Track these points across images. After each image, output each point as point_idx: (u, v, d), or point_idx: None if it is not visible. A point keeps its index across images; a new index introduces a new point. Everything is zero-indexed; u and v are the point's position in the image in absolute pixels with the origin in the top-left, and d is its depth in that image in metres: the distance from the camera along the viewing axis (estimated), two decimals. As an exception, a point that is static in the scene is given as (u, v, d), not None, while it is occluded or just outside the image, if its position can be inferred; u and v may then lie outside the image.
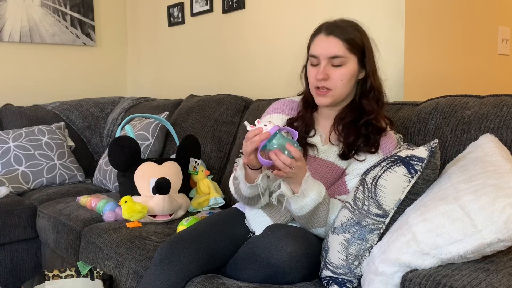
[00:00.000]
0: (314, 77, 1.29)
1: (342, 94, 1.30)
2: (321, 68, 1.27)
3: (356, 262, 1.12)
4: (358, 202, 1.14)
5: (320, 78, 1.26)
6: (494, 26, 2.15)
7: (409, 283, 0.91)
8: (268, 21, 2.32)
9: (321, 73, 1.26)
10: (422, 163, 1.07)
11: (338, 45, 1.25)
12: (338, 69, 1.26)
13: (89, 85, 3.27)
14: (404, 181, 1.08)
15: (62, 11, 3.12)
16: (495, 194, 0.89)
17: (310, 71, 1.31)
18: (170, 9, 2.94)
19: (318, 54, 1.28)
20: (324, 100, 1.30)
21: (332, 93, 1.28)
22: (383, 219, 1.10)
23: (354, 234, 1.12)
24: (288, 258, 1.12)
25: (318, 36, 1.30)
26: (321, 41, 1.28)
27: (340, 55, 1.25)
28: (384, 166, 1.13)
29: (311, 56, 1.31)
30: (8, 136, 2.45)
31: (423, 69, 1.85)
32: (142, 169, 1.88)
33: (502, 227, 0.84)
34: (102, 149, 2.90)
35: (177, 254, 1.24)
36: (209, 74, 2.73)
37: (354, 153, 1.29)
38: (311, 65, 1.31)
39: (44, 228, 2.10)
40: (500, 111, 1.27)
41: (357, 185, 1.19)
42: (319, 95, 1.30)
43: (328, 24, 1.30)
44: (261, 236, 1.20)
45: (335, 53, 1.25)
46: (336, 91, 1.28)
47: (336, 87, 1.28)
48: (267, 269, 1.14)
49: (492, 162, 1.01)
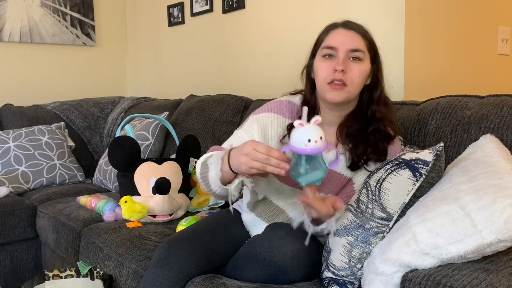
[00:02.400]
0: (331, 69, 1.20)
1: (354, 94, 1.23)
2: (340, 59, 1.19)
3: (359, 265, 1.10)
4: (361, 205, 1.13)
5: (340, 69, 1.18)
6: (494, 26, 2.15)
7: (409, 283, 0.91)
8: (268, 21, 2.32)
9: (341, 63, 1.18)
10: (427, 166, 1.06)
11: (359, 40, 1.21)
12: (357, 64, 1.20)
13: (89, 85, 3.27)
14: (409, 185, 1.07)
15: (62, 11, 3.12)
16: (496, 194, 0.89)
17: (323, 64, 1.23)
18: (170, 9, 2.94)
19: (337, 46, 1.20)
20: (339, 96, 1.21)
21: (348, 89, 1.20)
22: (387, 222, 1.08)
23: (357, 237, 1.10)
24: (290, 256, 1.11)
25: (336, 30, 1.24)
26: (341, 33, 1.23)
27: (361, 49, 1.21)
28: (388, 169, 1.11)
29: (326, 48, 1.22)
30: (8, 136, 2.45)
31: (423, 69, 1.85)
32: (142, 169, 1.88)
33: (502, 227, 0.84)
34: (102, 149, 2.89)
35: (176, 254, 1.23)
36: (209, 74, 2.73)
37: (363, 163, 1.24)
38: (323, 58, 1.23)
39: (44, 228, 2.10)
40: (500, 111, 1.27)
41: (360, 188, 1.17)
42: (334, 90, 1.20)
43: (345, 21, 1.26)
44: (262, 235, 1.19)
45: (357, 46, 1.20)
46: (351, 87, 1.21)
47: (352, 83, 1.20)
48: (269, 268, 1.13)
49: (493, 163, 1.01)
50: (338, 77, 1.19)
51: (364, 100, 1.27)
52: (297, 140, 0.98)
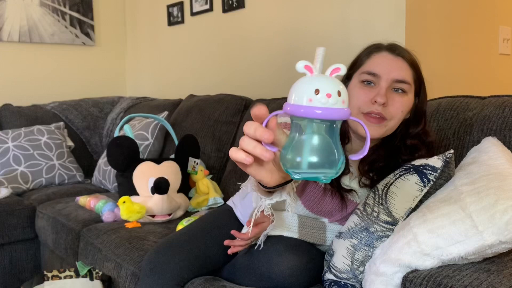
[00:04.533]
0: (369, 99, 1.06)
1: (392, 130, 1.09)
2: (382, 90, 1.05)
3: (362, 268, 1.09)
4: (367, 208, 1.11)
5: (381, 102, 1.04)
6: (495, 26, 2.15)
7: (410, 283, 0.91)
8: (268, 21, 2.31)
9: (383, 95, 1.04)
10: (435, 172, 1.04)
11: (407, 70, 1.09)
12: (401, 97, 1.08)
13: (88, 85, 3.26)
14: (416, 190, 1.05)
15: (61, 10, 3.11)
16: (498, 196, 0.88)
17: (361, 91, 1.08)
18: (169, 9, 2.93)
19: (380, 73, 1.07)
20: (375, 131, 1.07)
21: (387, 124, 1.07)
22: (392, 226, 1.07)
23: (361, 240, 1.09)
24: (289, 273, 1.09)
25: (380, 53, 1.11)
26: (387, 59, 1.09)
27: (408, 81, 1.08)
28: (396, 173, 1.09)
29: (367, 74, 1.09)
30: (7, 136, 2.45)
31: (424, 68, 1.83)
32: (140, 169, 1.87)
33: (504, 229, 0.84)
34: (101, 149, 2.89)
35: (166, 261, 1.21)
36: (209, 73, 2.73)
37: None
38: (361, 83, 1.09)
39: (43, 229, 2.09)
40: (502, 113, 1.26)
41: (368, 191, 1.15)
42: (370, 123, 1.06)
43: (392, 44, 1.13)
44: (261, 249, 1.16)
45: (403, 76, 1.07)
46: (391, 122, 1.07)
47: (393, 118, 1.07)
48: (266, 283, 1.12)
49: (496, 165, 1.00)
50: (377, 110, 1.05)
51: (398, 134, 1.14)
52: (299, 94, 0.58)
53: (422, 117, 1.13)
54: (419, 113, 1.13)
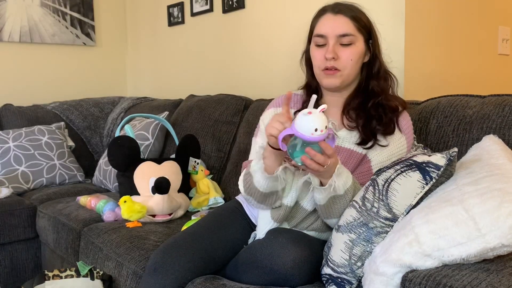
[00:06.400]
0: (322, 57, 1.24)
1: (350, 75, 1.26)
2: (330, 47, 1.23)
3: (359, 263, 1.09)
4: (367, 203, 1.10)
5: (330, 57, 1.22)
6: (495, 26, 2.15)
7: (409, 283, 0.91)
8: (268, 21, 2.32)
9: (330, 51, 1.22)
10: (438, 170, 1.03)
11: (347, 23, 1.23)
12: (347, 48, 1.23)
13: (89, 85, 3.27)
14: (418, 187, 1.04)
15: (62, 11, 3.11)
16: (501, 198, 0.87)
17: (316, 52, 1.27)
18: (170, 9, 2.94)
19: (325, 33, 1.24)
20: (333, 81, 1.25)
21: (341, 73, 1.24)
22: (391, 222, 1.06)
23: (360, 235, 1.09)
24: (291, 265, 1.10)
25: (324, 16, 1.27)
26: (329, 19, 1.25)
27: (350, 33, 1.23)
28: (398, 169, 1.09)
29: (316, 36, 1.26)
30: (8, 136, 2.45)
31: (423, 68, 1.85)
32: (141, 169, 1.88)
33: (507, 232, 0.83)
34: (102, 149, 2.89)
35: (171, 262, 1.21)
36: (209, 74, 2.73)
37: (373, 138, 1.24)
38: (316, 46, 1.27)
39: (44, 228, 2.09)
40: (502, 111, 1.26)
41: (367, 184, 1.15)
42: (328, 76, 1.25)
43: (334, 4, 1.27)
44: (263, 241, 1.18)
45: (345, 31, 1.22)
46: (345, 71, 1.24)
47: (345, 67, 1.24)
48: (269, 275, 1.12)
49: (498, 166, 1.00)
50: (330, 64, 1.23)
51: (363, 76, 1.30)
52: (304, 127, 1.03)
53: (376, 56, 1.28)
54: (374, 54, 1.29)
